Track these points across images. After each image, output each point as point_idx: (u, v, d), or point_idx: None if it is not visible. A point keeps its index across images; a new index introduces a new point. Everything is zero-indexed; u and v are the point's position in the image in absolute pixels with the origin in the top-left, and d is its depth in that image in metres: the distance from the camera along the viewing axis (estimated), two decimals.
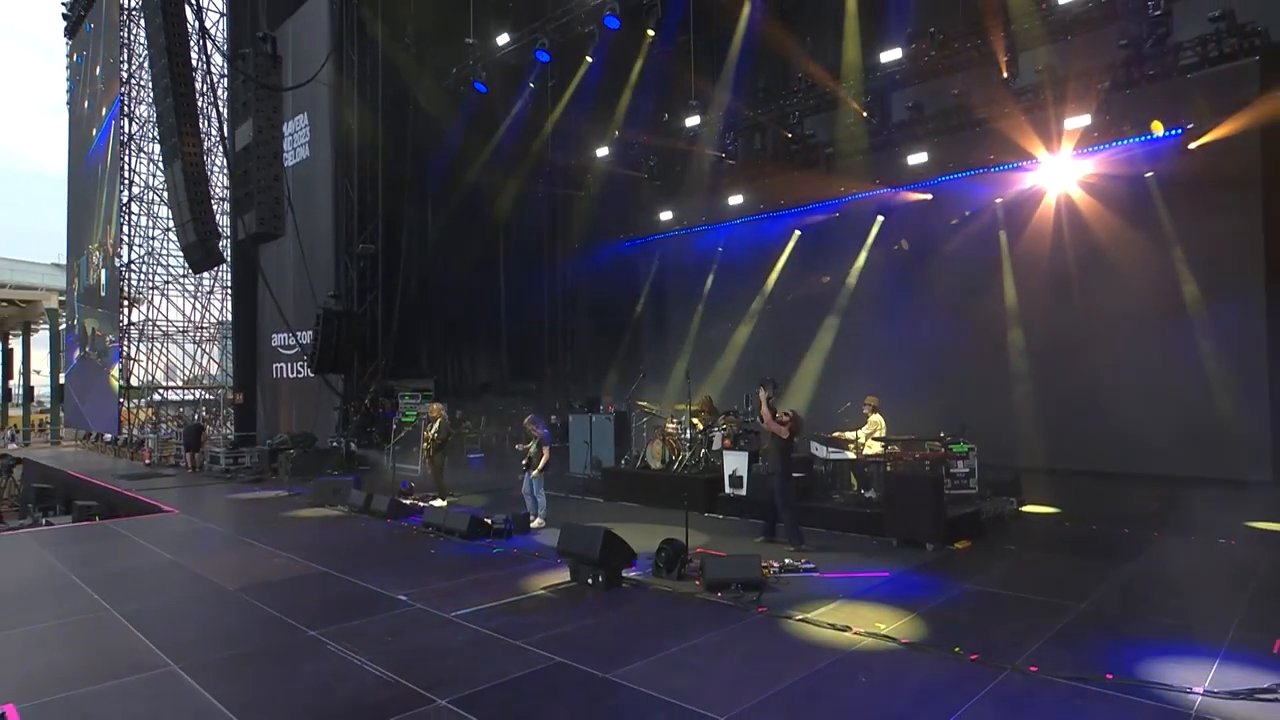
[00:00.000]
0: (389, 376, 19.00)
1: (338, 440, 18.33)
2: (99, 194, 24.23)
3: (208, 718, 4.67)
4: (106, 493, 15.76)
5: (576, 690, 5.00)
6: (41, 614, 7.10)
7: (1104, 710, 4.45)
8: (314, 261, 18.67)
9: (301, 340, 19.24)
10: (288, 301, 19.13)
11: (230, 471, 18.21)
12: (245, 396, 22.41)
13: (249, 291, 22.17)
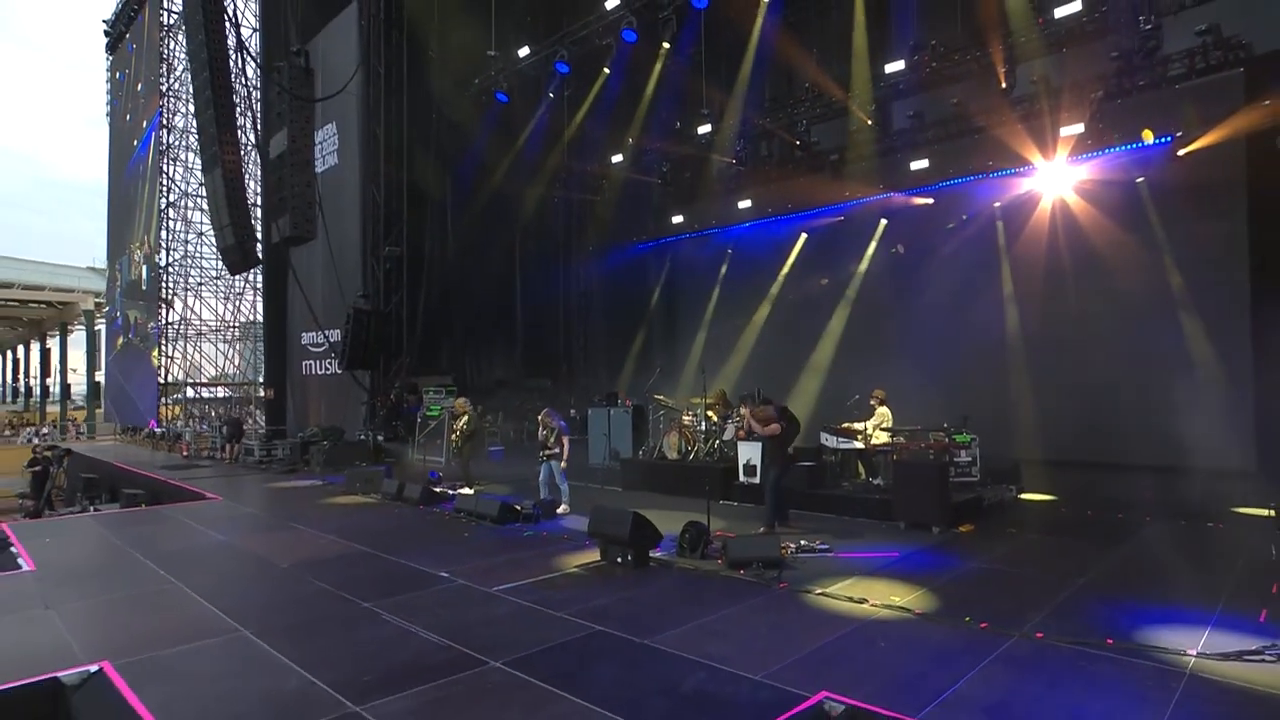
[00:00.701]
0: (412, 374, 19.23)
1: (365, 433, 18.55)
2: (140, 200, 24.60)
3: (283, 674, 4.91)
4: (150, 482, 15.96)
5: (618, 654, 5.23)
6: (115, 586, 7.38)
7: (1106, 670, 4.67)
8: (342, 263, 18.92)
9: (330, 338, 19.51)
10: (317, 301, 19.36)
11: (264, 463, 18.45)
12: (275, 392, 22.71)
13: (279, 292, 22.44)
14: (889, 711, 4.07)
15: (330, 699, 4.48)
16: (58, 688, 4.82)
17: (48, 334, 46.69)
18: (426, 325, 19.54)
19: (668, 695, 4.43)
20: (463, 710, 4.34)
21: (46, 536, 9.68)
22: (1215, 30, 11.69)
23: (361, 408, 19.25)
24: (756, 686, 4.52)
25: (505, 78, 17.92)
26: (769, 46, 14.66)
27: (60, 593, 7.07)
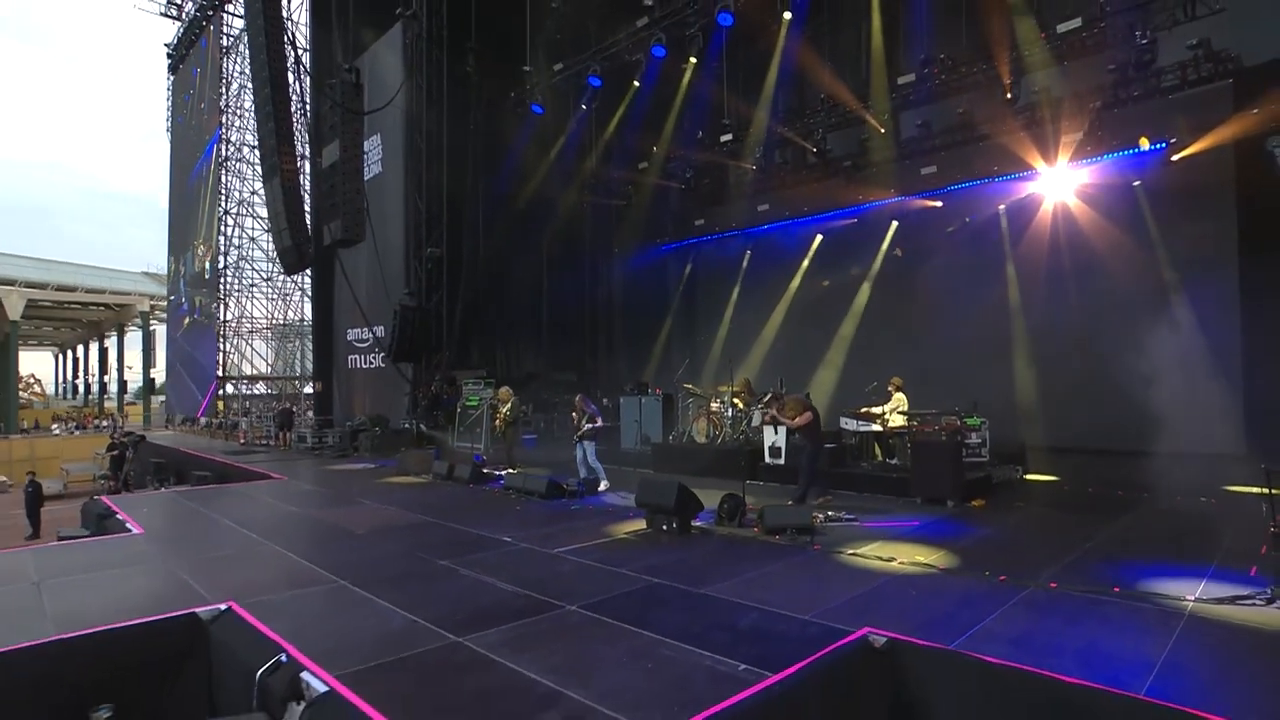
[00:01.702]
0: (450, 368, 19.61)
1: (408, 422, 18.95)
2: (202, 205, 25.28)
3: (387, 614, 5.30)
4: (215, 464, 16.40)
5: (677, 600, 5.60)
6: (216, 546, 7.81)
7: (1115, 612, 5.01)
8: (386, 264, 19.34)
9: (375, 334, 19.95)
10: (362, 300, 19.83)
11: (316, 449, 18.93)
12: (323, 385, 23.19)
13: (326, 292, 22.90)
14: (925, 642, 4.45)
15: (433, 633, 4.87)
16: (196, 621, 5.26)
17: (105, 334, 47.49)
18: (463, 322, 19.92)
19: (728, 630, 4.80)
20: (550, 642, 4.72)
21: (143, 507, 10.14)
22: (1206, 44, 11.92)
23: (404, 399, 19.63)
24: (805, 624, 4.88)
25: (540, 91, 18.21)
26: (789, 60, 14.88)
27: (171, 550, 7.54)
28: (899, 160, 15.63)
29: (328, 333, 23.20)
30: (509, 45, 18.79)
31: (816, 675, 4.17)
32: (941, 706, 4.17)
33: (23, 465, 22.53)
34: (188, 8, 26.78)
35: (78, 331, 51.86)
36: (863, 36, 14.68)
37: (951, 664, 4.25)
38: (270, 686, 4.28)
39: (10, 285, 35.78)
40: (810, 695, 4.08)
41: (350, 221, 17.76)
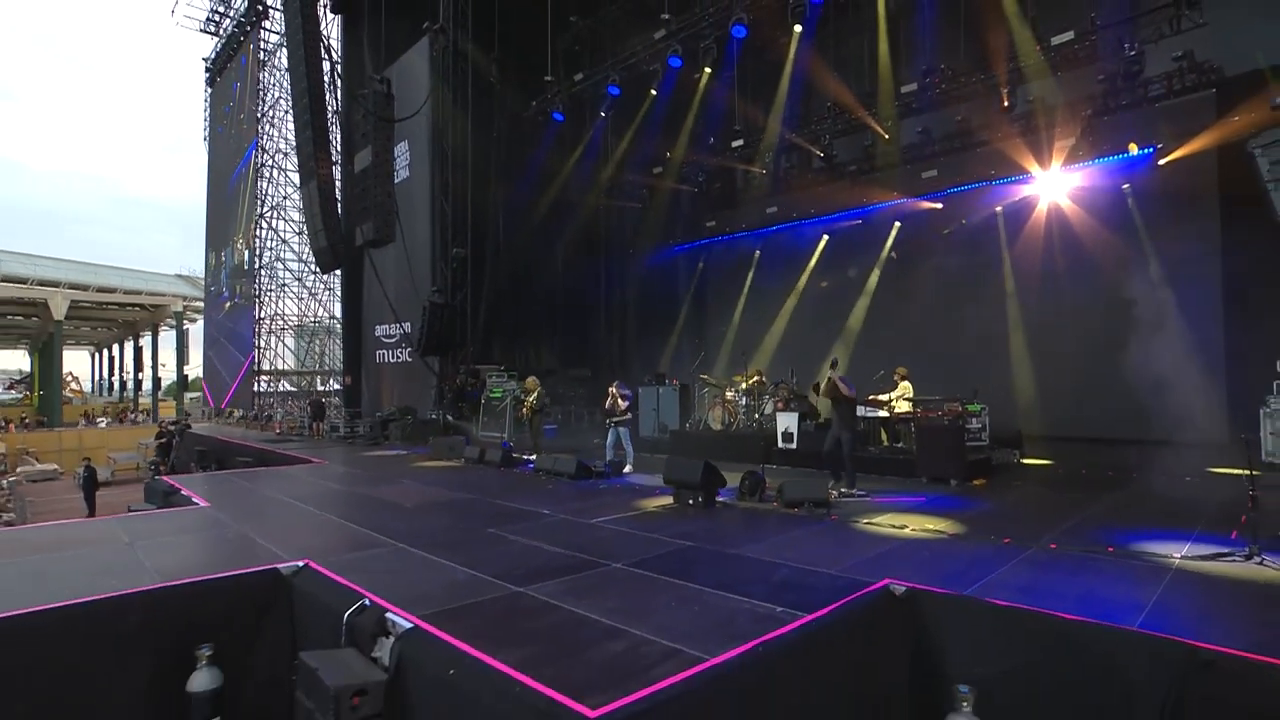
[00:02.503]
0: (473, 362, 19.95)
1: (435, 413, 19.31)
2: (240, 206, 25.73)
3: (450, 570, 5.62)
4: (254, 451, 16.75)
5: (713, 559, 5.93)
6: (280, 516, 8.16)
7: (1109, 568, 5.35)
8: (414, 263, 19.70)
9: (403, 329, 20.30)
10: (390, 297, 20.20)
11: (348, 438, 19.27)
12: (352, 379, 23.57)
13: (355, 290, 23.29)
14: (942, 590, 4.80)
15: (496, 584, 5.21)
16: (277, 575, 5.61)
17: (140, 334, 47.99)
18: (486, 319, 20.24)
19: (763, 583, 5.13)
20: (603, 591, 5.06)
21: (203, 485, 10.49)
22: (1190, 56, 12.20)
23: (430, 391, 19.98)
24: (832, 578, 5.21)
25: (560, 99, 18.51)
26: (799, 70, 15.07)
27: (239, 519, 7.87)
28: (901, 164, 15.85)
29: (357, 329, 23.57)
30: (531, 56, 19.08)
31: (846, 618, 4.51)
32: (957, 645, 4.50)
33: (72, 455, 23.00)
34: (225, 24, 27.24)
35: (113, 331, 52.41)
36: (868, 48, 14.89)
37: (965, 608, 4.59)
38: (359, 625, 4.63)
39: (55, 287, 36.33)
40: (841, 634, 4.42)
41: (381, 223, 18.20)
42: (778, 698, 3.85)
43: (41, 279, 36.43)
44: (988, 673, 4.25)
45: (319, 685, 4.10)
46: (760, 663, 3.83)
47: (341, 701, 3.95)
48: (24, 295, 36.02)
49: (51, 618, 4.67)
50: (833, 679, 4.25)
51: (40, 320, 41.73)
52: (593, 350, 22.64)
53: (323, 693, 4.03)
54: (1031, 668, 4.16)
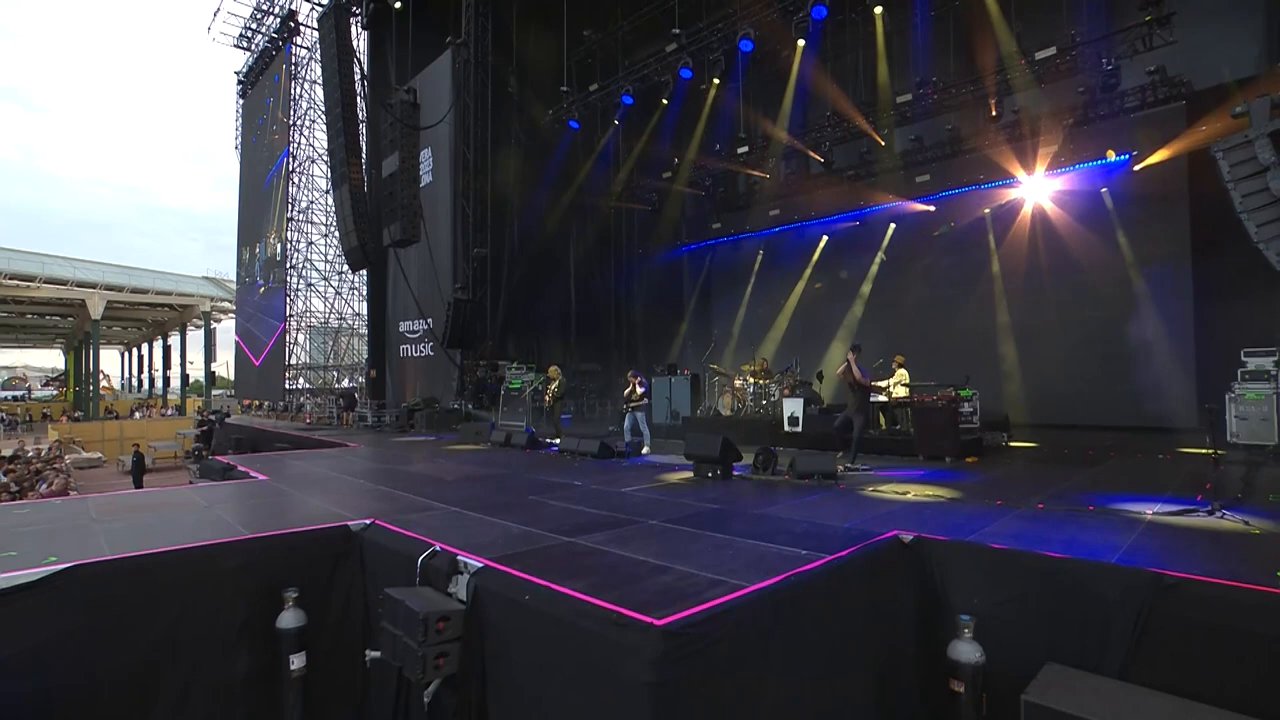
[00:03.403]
0: (492, 356, 20.34)
1: (457, 403, 19.71)
2: (273, 208, 26.23)
3: (504, 526, 6.00)
4: (290, 437, 17.06)
5: (738, 517, 6.35)
6: (336, 488, 8.51)
7: (1090, 522, 5.76)
8: (438, 263, 20.12)
9: (426, 325, 20.72)
10: (414, 294, 20.63)
11: (376, 426, 19.66)
12: (377, 372, 23.97)
13: (380, 288, 23.72)
14: (945, 538, 5.23)
15: (548, 536, 5.62)
16: (348, 530, 6.03)
17: (169, 333, 48.43)
18: (504, 315, 20.64)
19: (786, 534, 5.55)
20: (645, 540, 5.47)
21: (255, 462, 10.90)
22: (1162, 70, 12.65)
23: (452, 383, 20.38)
24: (846, 530, 5.63)
25: (576, 108, 18.89)
26: (801, 81, 15.44)
27: (298, 488, 8.29)
28: (896, 169, 16.22)
29: (381, 325, 23.99)
30: (547, 68, 19.50)
31: (861, 559, 4.95)
32: (958, 582, 4.93)
33: (113, 444, 23.42)
34: (257, 40, 27.69)
35: (143, 331, 52.86)
36: (866, 60, 15.27)
37: (965, 551, 5.03)
38: (433, 567, 5.05)
39: (93, 288, 36.83)
40: (857, 572, 4.85)
41: (408, 224, 18.57)
42: (806, 619, 4.29)
43: (80, 280, 36.93)
44: (985, 604, 4.68)
45: (408, 614, 4.53)
46: (791, 590, 4.27)
47: (429, 625, 4.38)
48: (64, 296, 36.55)
49: (172, 558, 5.13)
50: (852, 608, 4.69)
51: (76, 320, 42.23)
52: (604, 345, 22.98)
53: (412, 619, 4.45)
54: (1023, 599, 4.60)
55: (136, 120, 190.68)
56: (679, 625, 3.55)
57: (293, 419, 23.64)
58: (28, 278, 35.12)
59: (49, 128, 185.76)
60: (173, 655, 5.04)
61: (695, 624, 3.62)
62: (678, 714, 3.43)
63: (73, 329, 47.14)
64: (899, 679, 4.83)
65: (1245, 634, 3.81)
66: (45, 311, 41.37)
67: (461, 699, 4.57)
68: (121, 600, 4.88)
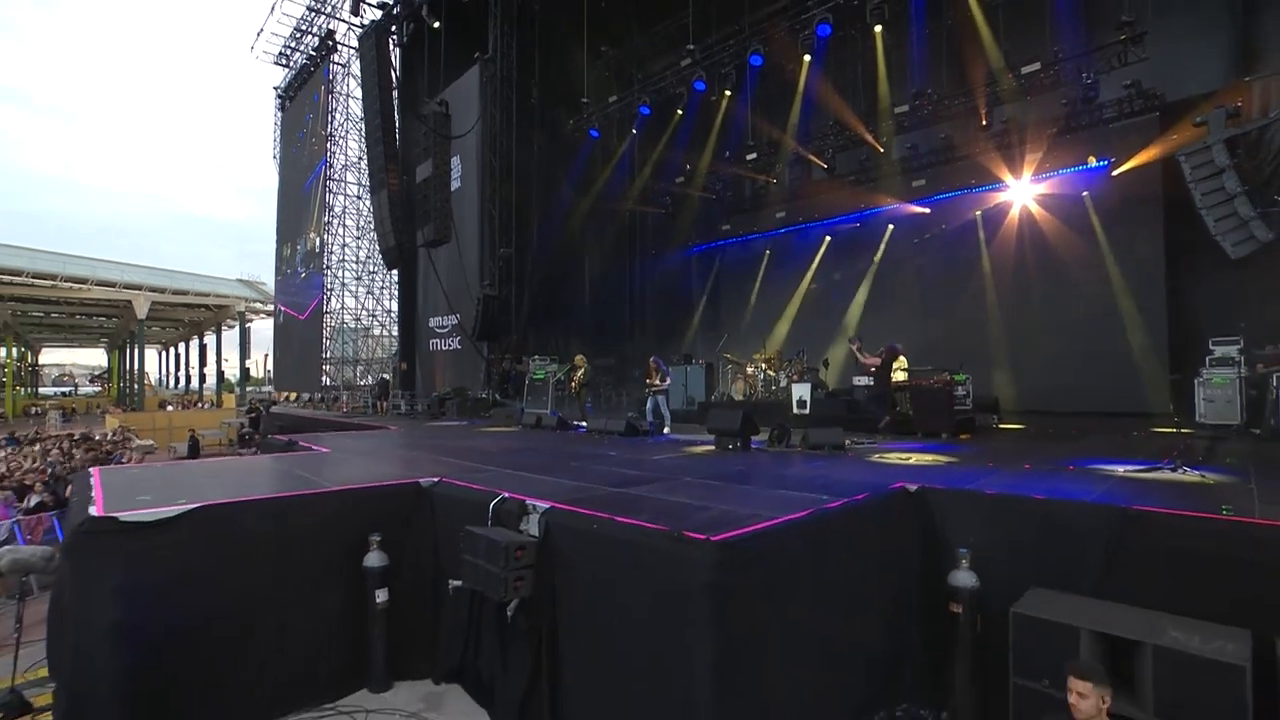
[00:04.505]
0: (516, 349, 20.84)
1: (485, 392, 20.25)
2: (313, 209, 26.95)
3: (556, 482, 6.48)
4: (331, 423, 17.53)
5: (761, 476, 6.89)
6: (395, 457, 9.09)
7: (1071, 477, 6.30)
8: (466, 262, 20.66)
9: (456, 320, 21.28)
10: (442, 292, 21.19)
11: (408, 414, 20.18)
12: (407, 365, 24.54)
13: (411, 286, 24.27)
14: (945, 486, 5.77)
15: (598, 488, 6.14)
16: (419, 487, 6.58)
17: (204, 333, 49.19)
18: (528, 312, 21.15)
19: (807, 486, 6.07)
20: (684, 490, 6.01)
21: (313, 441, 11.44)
22: (1138, 84, 13.09)
23: (479, 374, 20.92)
24: (857, 483, 6.13)
25: (596, 118, 19.38)
26: (807, 92, 15.91)
27: (362, 457, 8.85)
28: (894, 174, 16.65)
29: (411, 320, 24.53)
30: (568, 81, 19.99)
31: (873, 503, 5.50)
32: (956, 522, 5.45)
33: (163, 433, 24.12)
34: (295, 57, 28.41)
35: (180, 331, 53.66)
36: (866, 74, 15.69)
37: (962, 496, 5.57)
38: (504, 510, 5.61)
39: (138, 290, 37.65)
40: (870, 514, 5.41)
41: (439, 225, 19.24)
42: (827, 547, 4.84)
43: (127, 282, 37.76)
44: (980, 539, 5.21)
45: (489, 544, 5.10)
46: (815, 522, 4.83)
47: (509, 553, 4.94)
48: (113, 297, 37.38)
49: (277, 503, 5.71)
50: (865, 542, 5.24)
51: (121, 320, 43.03)
52: (619, 340, 23.44)
53: (494, 548, 5.02)
54: (1012, 533, 5.14)
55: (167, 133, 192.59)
56: (729, 541, 4.11)
57: (329, 408, 24.23)
58: (80, 280, 35.98)
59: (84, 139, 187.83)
60: (278, 586, 5.61)
61: (741, 540, 4.18)
62: (728, 610, 3.99)
63: (117, 329, 47.98)
64: (906, 602, 5.39)
65: (1194, 554, 4.37)
66: (93, 312, 42.21)
67: (534, 619, 5.13)
68: (237, 537, 5.45)
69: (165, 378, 61.43)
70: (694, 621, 4.02)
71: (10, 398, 42.32)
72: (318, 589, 5.83)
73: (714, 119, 17.66)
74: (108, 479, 6.53)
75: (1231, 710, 3.77)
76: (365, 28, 21.88)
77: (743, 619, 4.10)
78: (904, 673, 5.37)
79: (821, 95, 16.22)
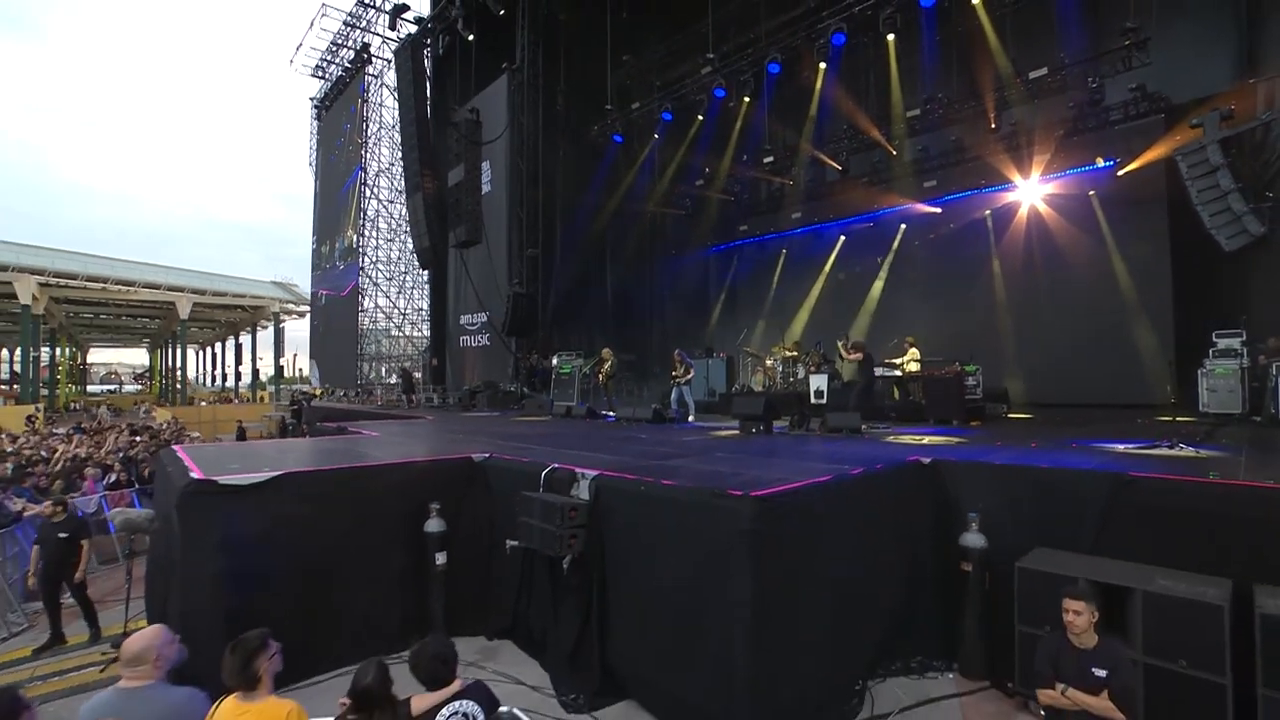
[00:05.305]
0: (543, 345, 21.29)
1: (514, 386, 20.73)
2: (350, 210, 27.71)
3: (596, 455, 6.94)
4: (370, 414, 17.97)
5: (786, 451, 7.31)
6: (443, 438, 9.53)
7: (1073, 452, 6.65)
8: (495, 262, 21.17)
9: (485, 317, 21.79)
10: (472, 290, 21.70)
11: (441, 406, 20.70)
12: (439, 360, 25.10)
13: (442, 285, 24.86)
14: (958, 459, 6.16)
15: (638, 461, 6.57)
16: (471, 461, 7.05)
17: (240, 333, 50.28)
18: (554, 309, 21.60)
19: (829, 460, 6.46)
20: (714, 462, 6.44)
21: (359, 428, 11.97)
22: (1142, 88, 13.24)
23: (508, 369, 21.41)
24: (876, 457, 6.55)
25: (619, 124, 19.80)
26: (822, 98, 16.21)
27: (412, 438, 9.34)
28: (906, 176, 16.84)
29: (442, 317, 25.11)
30: (592, 88, 20.43)
31: (889, 473, 5.90)
32: (967, 489, 5.82)
33: (208, 425, 24.88)
34: (331, 69, 29.22)
35: (216, 331, 54.86)
36: (879, 80, 15.97)
37: (973, 466, 5.95)
38: (555, 477, 6.06)
39: (181, 292, 38.77)
40: (888, 481, 5.81)
41: (471, 227, 19.73)
42: (850, 507, 5.26)
43: (171, 285, 38.92)
44: (988, 504, 5.59)
45: (545, 505, 5.56)
46: (838, 485, 5.25)
47: (564, 512, 5.40)
48: (158, 299, 38.52)
49: (350, 472, 6.22)
50: (883, 506, 5.65)
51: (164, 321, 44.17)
52: (640, 337, 23.77)
53: (550, 508, 5.48)
54: (1018, 498, 5.52)
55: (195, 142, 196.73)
56: (764, 496, 4.54)
57: (363, 403, 24.82)
58: (128, 283, 37.18)
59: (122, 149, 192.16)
60: (351, 546, 6.11)
61: (775, 496, 4.60)
62: (764, 557, 4.41)
63: (159, 329, 49.21)
64: (920, 562, 5.79)
65: (1182, 513, 4.74)
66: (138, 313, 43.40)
67: (584, 575, 5.58)
68: (317, 500, 5.96)
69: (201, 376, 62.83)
70: (733, 571, 4.45)
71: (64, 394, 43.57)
72: (385, 550, 6.33)
73: (733, 124, 18.01)
74: (194, 454, 7.06)
75: (1212, 646, 4.14)
76: (401, 41, 22.48)
77: (776, 568, 4.52)
78: (917, 628, 5.76)
79: (836, 100, 16.48)
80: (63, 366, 45.99)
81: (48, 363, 40.90)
